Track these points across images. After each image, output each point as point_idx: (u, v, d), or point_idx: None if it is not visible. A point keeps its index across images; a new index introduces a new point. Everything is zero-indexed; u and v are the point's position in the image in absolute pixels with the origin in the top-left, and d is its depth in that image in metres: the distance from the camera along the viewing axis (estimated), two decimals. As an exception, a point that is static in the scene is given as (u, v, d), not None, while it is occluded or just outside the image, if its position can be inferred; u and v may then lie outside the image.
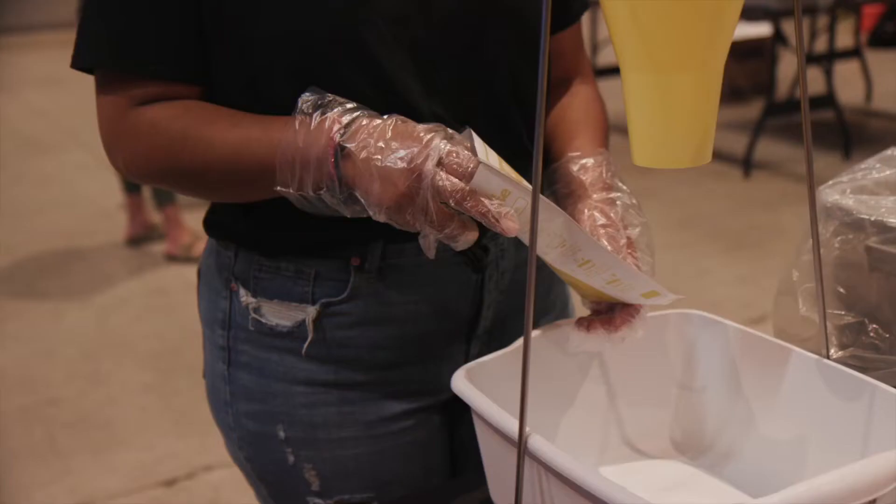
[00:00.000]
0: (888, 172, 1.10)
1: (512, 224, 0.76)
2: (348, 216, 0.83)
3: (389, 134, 0.79)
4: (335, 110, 0.82)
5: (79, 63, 0.91)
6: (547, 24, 0.63)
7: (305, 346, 0.98)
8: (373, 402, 1.01)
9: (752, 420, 0.91)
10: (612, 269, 0.84)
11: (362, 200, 0.80)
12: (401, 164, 0.77)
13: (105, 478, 2.54)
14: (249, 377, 1.01)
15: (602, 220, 0.89)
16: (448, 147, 0.77)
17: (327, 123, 0.81)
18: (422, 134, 0.78)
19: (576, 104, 1.05)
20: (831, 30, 5.08)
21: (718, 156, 4.88)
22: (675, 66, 0.68)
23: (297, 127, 0.82)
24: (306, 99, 0.83)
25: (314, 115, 0.82)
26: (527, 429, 0.72)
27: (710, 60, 0.69)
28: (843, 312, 1.00)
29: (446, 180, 0.76)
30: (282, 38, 0.87)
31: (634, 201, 0.93)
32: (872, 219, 0.96)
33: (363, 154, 0.78)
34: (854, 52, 5.65)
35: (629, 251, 0.88)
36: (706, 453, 0.95)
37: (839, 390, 0.83)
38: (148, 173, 0.94)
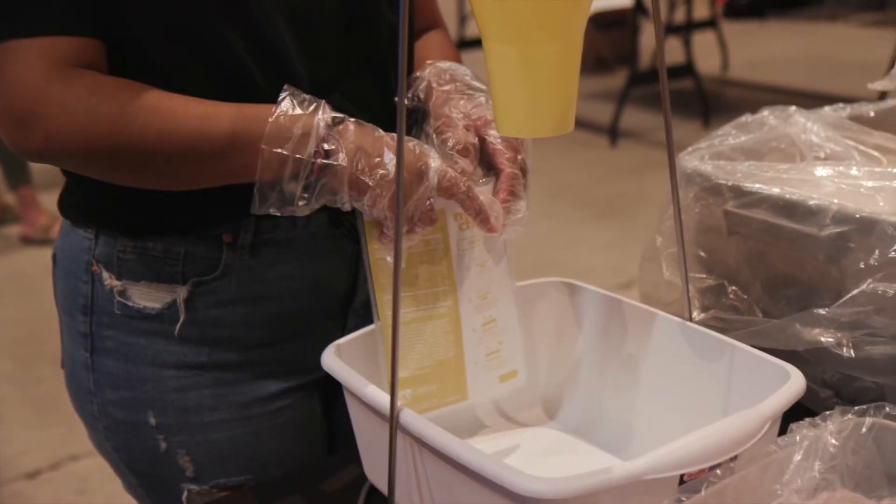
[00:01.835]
0: (744, 138, 1.13)
1: (499, 228, 0.82)
2: (315, 206, 0.81)
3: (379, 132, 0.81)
4: (319, 114, 0.81)
5: None
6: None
7: (178, 327, 0.95)
8: (247, 383, 0.99)
9: (621, 384, 0.93)
10: (504, 341, 0.89)
11: (366, 179, 0.79)
12: (410, 144, 0.78)
13: (-38, 473, 2.44)
14: (115, 364, 0.98)
15: (508, 154, 0.86)
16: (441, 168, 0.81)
17: (318, 114, 0.81)
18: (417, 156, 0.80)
19: (430, 46, 1.06)
20: (689, 1, 5.22)
21: (585, 125, 4.98)
22: (536, 37, 0.68)
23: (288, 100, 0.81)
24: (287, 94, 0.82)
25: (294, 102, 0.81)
26: (398, 403, 0.72)
27: (571, 30, 0.70)
28: (704, 276, 1.03)
29: (454, 168, 0.79)
30: None
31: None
32: (730, 184, 0.99)
33: (367, 133, 0.81)
34: (711, 23, 5.84)
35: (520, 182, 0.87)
36: (577, 419, 0.96)
37: (702, 352, 0.85)
38: (79, 149, 0.82)
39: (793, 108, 1.18)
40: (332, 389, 1.04)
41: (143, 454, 1.00)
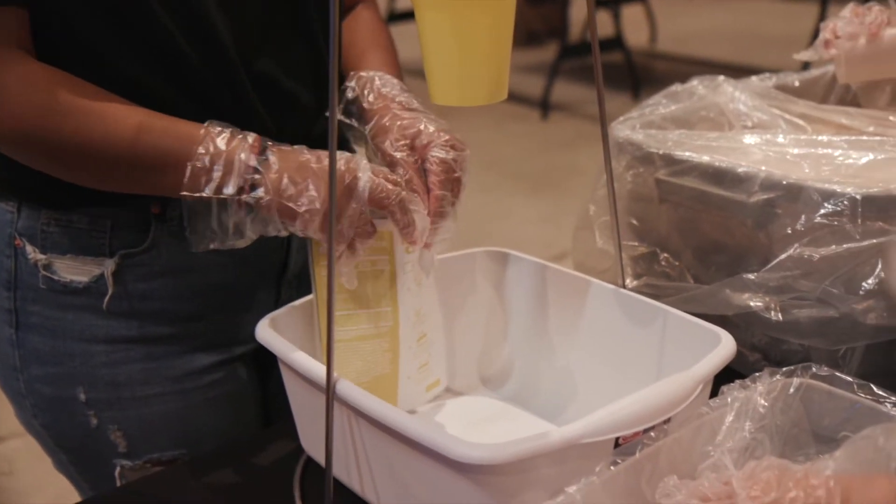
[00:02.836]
0: (674, 108, 1.15)
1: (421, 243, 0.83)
2: (253, 236, 0.80)
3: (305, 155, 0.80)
4: (243, 146, 0.80)
5: None
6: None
7: (106, 301, 0.94)
8: (179, 356, 0.98)
9: (556, 351, 0.94)
10: (433, 354, 0.90)
11: (293, 206, 0.78)
12: (340, 163, 0.77)
13: None
14: (42, 339, 0.96)
15: (440, 177, 0.86)
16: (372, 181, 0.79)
17: (249, 139, 0.80)
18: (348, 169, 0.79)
19: (361, 28, 1.04)
20: (618, -25, 5.26)
21: (516, 99, 4.99)
22: (468, 3, 0.68)
23: (212, 130, 0.80)
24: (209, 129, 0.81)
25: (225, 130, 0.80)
26: (335, 374, 0.71)
27: (503, -3, 0.70)
28: (636, 243, 1.04)
29: (383, 181, 0.78)
30: None
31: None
32: (661, 152, 1.00)
33: (291, 159, 0.78)
34: (639, -4, 5.89)
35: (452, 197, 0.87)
36: (513, 387, 0.97)
37: (635, 317, 0.86)
38: (9, 132, 0.81)
39: (721, 77, 1.20)
40: (266, 361, 1.03)
41: (72, 431, 0.98)
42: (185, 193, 0.78)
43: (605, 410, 0.68)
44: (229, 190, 0.78)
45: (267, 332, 0.81)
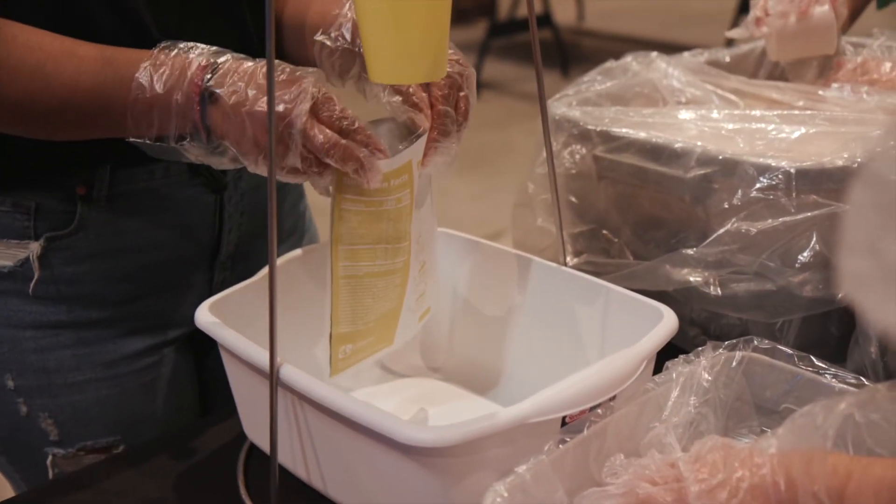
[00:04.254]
0: (609, 84, 1.15)
1: (376, 178, 0.74)
2: (216, 167, 0.77)
3: (261, 78, 0.73)
4: (196, 52, 0.75)
5: None
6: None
7: (32, 285, 0.91)
8: (111, 341, 0.96)
9: (499, 331, 0.94)
10: (429, 282, 0.84)
11: (233, 150, 0.74)
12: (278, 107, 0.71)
13: None
14: (-34, 327, 0.92)
15: (443, 91, 0.80)
16: (321, 94, 0.73)
17: (191, 67, 0.74)
18: (293, 77, 0.73)
19: None
20: (546, -48, 5.26)
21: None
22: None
23: (151, 68, 0.75)
24: (162, 45, 0.76)
25: (171, 55, 0.75)
26: (278, 359, 0.70)
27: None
28: (575, 221, 1.05)
29: (317, 130, 0.72)
30: None
31: None
32: (598, 129, 1.00)
33: (233, 99, 0.72)
34: (567, -26, 5.91)
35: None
36: (456, 367, 0.97)
37: (577, 295, 0.87)
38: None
39: (654, 53, 1.20)
40: (201, 345, 1.02)
41: (2, 419, 0.96)
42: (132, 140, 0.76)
43: (552, 389, 0.68)
44: (171, 140, 0.75)
45: (207, 317, 0.80)
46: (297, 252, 0.92)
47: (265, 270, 0.86)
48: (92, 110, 0.78)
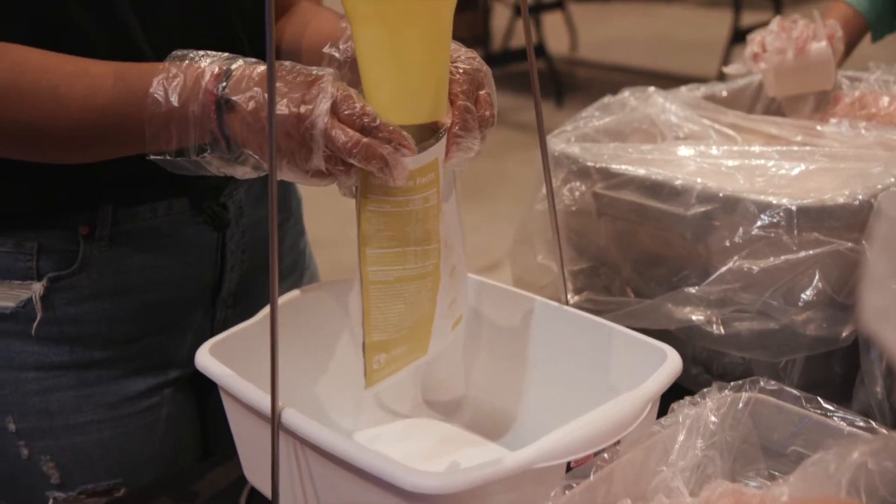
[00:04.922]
0: (607, 120, 1.15)
1: (402, 174, 0.70)
2: (239, 178, 0.75)
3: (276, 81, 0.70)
4: (207, 60, 0.73)
5: None
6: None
7: (35, 326, 0.90)
8: (114, 381, 0.95)
9: (501, 371, 0.93)
10: (460, 288, 0.80)
11: (255, 157, 0.72)
12: (292, 109, 0.69)
13: None
14: (-32, 369, 0.92)
15: (464, 86, 0.77)
16: (341, 93, 0.70)
17: (205, 76, 0.72)
18: (311, 78, 0.71)
19: (308, 11, 0.98)
20: (538, -17, 5.31)
21: (441, 107, 4.98)
22: (404, 20, 0.68)
23: (165, 81, 0.73)
24: (174, 54, 0.74)
25: (183, 66, 0.73)
26: (279, 403, 0.70)
27: (439, 12, 0.69)
28: (575, 258, 1.04)
29: (338, 129, 0.69)
30: None
31: None
32: (598, 166, 1.00)
33: (251, 105, 0.70)
34: (558, 5, 5.96)
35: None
36: (458, 409, 0.96)
37: (580, 335, 0.86)
38: None
39: (651, 88, 1.21)
40: (203, 384, 1.00)
41: (2, 463, 0.95)
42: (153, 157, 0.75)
43: (557, 433, 0.67)
44: (191, 153, 0.74)
45: (207, 359, 0.79)
46: (297, 292, 0.91)
47: (266, 310, 0.85)
48: (108, 129, 0.77)
